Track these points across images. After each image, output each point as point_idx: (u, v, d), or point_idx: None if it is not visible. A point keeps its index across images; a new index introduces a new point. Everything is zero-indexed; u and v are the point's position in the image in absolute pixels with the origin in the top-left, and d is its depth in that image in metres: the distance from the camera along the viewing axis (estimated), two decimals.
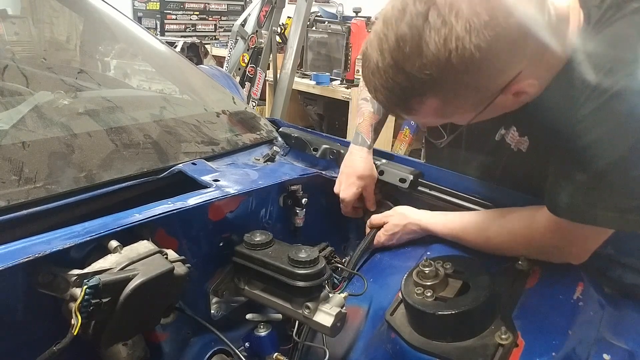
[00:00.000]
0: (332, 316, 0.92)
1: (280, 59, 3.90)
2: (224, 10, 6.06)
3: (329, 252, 1.14)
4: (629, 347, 0.84)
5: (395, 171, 1.22)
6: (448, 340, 0.82)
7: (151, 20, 5.58)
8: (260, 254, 0.99)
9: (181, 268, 0.82)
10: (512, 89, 0.76)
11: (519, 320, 0.83)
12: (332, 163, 1.33)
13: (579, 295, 0.87)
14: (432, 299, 0.85)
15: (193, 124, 1.31)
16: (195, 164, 1.16)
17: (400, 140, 4.18)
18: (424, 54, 0.69)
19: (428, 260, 0.89)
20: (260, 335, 1.02)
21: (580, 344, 0.81)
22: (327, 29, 4.18)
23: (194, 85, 1.65)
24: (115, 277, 0.72)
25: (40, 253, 0.73)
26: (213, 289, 1.05)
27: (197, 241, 1.00)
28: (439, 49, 0.68)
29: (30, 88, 1.19)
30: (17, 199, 0.90)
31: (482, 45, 0.67)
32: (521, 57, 0.73)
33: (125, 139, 1.14)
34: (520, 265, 0.93)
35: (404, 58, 0.72)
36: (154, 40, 1.71)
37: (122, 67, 1.75)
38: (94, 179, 1.01)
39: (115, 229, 0.82)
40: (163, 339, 0.97)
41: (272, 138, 1.44)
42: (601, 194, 0.79)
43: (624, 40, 0.78)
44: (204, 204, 0.97)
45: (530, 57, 0.74)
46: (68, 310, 0.71)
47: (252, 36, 3.73)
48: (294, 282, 0.92)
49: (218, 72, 2.59)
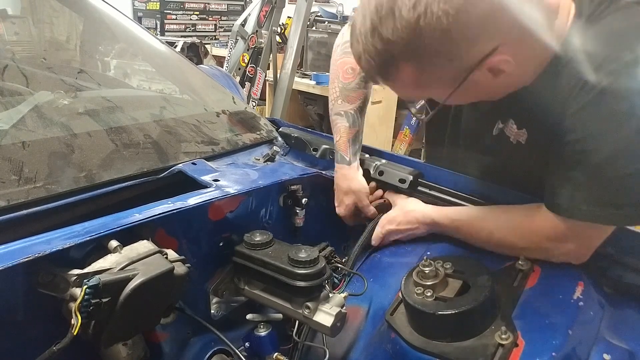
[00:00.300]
0: (332, 316, 0.92)
1: (280, 59, 3.90)
2: (224, 10, 6.07)
3: (329, 252, 1.14)
4: (629, 347, 0.84)
5: (395, 171, 1.22)
6: (448, 340, 0.82)
7: (151, 20, 5.59)
8: (260, 253, 0.99)
9: (181, 268, 0.82)
10: (487, 64, 0.78)
11: (519, 320, 0.83)
12: (332, 163, 1.33)
13: (579, 295, 0.87)
14: (432, 298, 0.85)
15: (193, 124, 1.31)
16: (195, 163, 1.16)
17: (400, 140, 4.18)
18: (396, 18, 0.72)
19: (428, 260, 0.89)
20: (260, 335, 1.01)
21: (580, 344, 0.81)
22: (327, 29, 4.19)
23: (194, 85, 1.65)
24: (115, 277, 0.72)
25: (40, 253, 0.73)
26: (213, 289, 1.05)
27: (197, 241, 1.00)
28: (409, 13, 0.71)
29: (30, 88, 1.19)
30: (17, 198, 0.90)
31: (450, 12, 0.70)
32: (494, 31, 0.75)
33: (125, 138, 1.14)
34: (520, 265, 0.93)
35: (380, 22, 0.75)
36: (154, 40, 1.71)
37: (122, 67, 1.75)
38: (94, 179, 1.01)
39: (115, 228, 0.82)
40: (163, 339, 0.97)
41: (272, 138, 1.44)
42: (596, 191, 0.81)
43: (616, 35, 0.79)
44: (204, 204, 0.97)
45: (506, 34, 0.76)
46: (68, 310, 0.71)
47: (252, 36, 3.74)
48: (294, 282, 0.92)
49: (218, 72, 2.59)
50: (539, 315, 0.84)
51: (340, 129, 1.25)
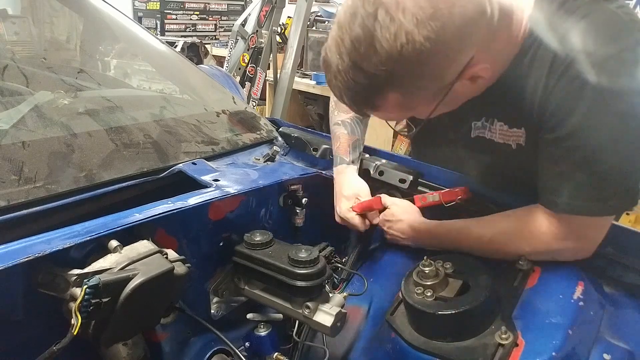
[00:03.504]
0: (332, 316, 0.92)
1: (280, 59, 3.90)
2: (224, 10, 6.07)
3: (329, 252, 1.14)
4: (629, 347, 0.84)
5: (395, 172, 1.22)
6: (448, 340, 0.82)
7: (151, 20, 5.59)
8: (260, 253, 0.99)
9: (181, 268, 0.82)
10: (467, 74, 0.80)
11: (519, 320, 0.83)
12: (332, 163, 1.33)
13: (579, 295, 0.87)
14: (432, 298, 0.85)
15: (193, 124, 1.31)
16: (195, 163, 1.16)
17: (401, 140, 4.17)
18: (378, 52, 0.73)
19: (428, 259, 0.89)
20: (260, 335, 1.02)
21: (580, 344, 0.81)
22: (327, 29, 4.18)
23: (194, 85, 1.65)
24: (115, 277, 0.72)
25: (40, 253, 0.73)
26: (213, 288, 1.05)
27: (197, 241, 1.00)
28: (391, 44, 0.72)
29: (30, 88, 1.19)
30: (17, 198, 0.90)
31: (431, 36, 0.71)
32: (470, 43, 0.77)
33: (125, 138, 1.14)
34: (520, 265, 0.93)
35: (361, 58, 0.75)
36: (154, 40, 1.71)
37: (122, 67, 1.75)
38: (94, 179, 1.01)
39: (115, 228, 0.82)
40: (163, 338, 0.97)
41: (272, 138, 1.44)
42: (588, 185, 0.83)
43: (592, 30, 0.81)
44: (204, 204, 0.97)
45: (480, 43, 0.78)
46: (68, 310, 0.71)
47: (252, 36, 3.73)
48: (294, 282, 0.92)
49: (218, 72, 2.59)
50: (539, 315, 0.84)
51: (339, 137, 1.24)
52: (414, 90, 0.80)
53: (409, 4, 0.70)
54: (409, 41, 0.71)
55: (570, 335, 0.80)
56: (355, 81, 0.78)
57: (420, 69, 0.75)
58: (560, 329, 0.81)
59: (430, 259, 0.89)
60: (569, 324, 0.81)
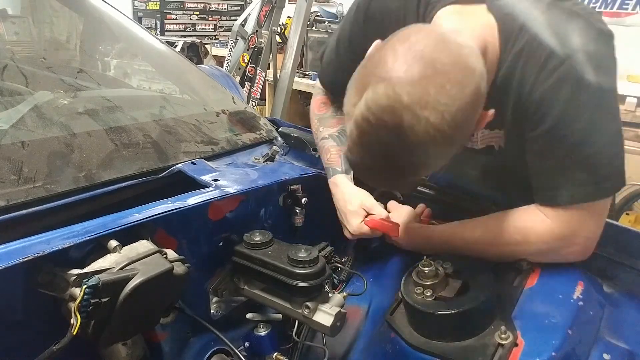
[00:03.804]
0: (331, 316, 0.92)
1: (280, 59, 3.90)
2: (224, 10, 6.07)
3: (329, 252, 1.14)
4: (629, 347, 0.84)
5: None
6: (448, 340, 0.82)
7: (151, 20, 5.59)
8: (259, 253, 0.99)
9: (180, 268, 0.82)
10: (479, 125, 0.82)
11: (519, 320, 0.83)
12: None
13: (579, 295, 0.87)
14: (432, 298, 0.85)
15: (193, 124, 1.31)
16: (195, 163, 1.16)
17: None
18: (413, 153, 0.74)
19: (428, 259, 0.89)
20: (260, 334, 1.02)
21: (580, 344, 0.81)
22: (327, 29, 4.18)
23: (193, 85, 1.65)
24: (115, 277, 0.72)
25: (40, 253, 0.73)
26: (213, 288, 1.05)
27: (197, 241, 1.00)
28: (423, 141, 0.72)
29: (29, 88, 1.19)
30: (17, 198, 0.90)
31: (457, 120, 0.72)
32: (481, 102, 0.77)
33: (124, 138, 1.14)
34: (520, 265, 0.93)
35: (397, 160, 0.76)
36: (154, 40, 1.72)
37: (122, 67, 1.75)
38: (93, 179, 1.01)
39: (114, 228, 0.82)
40: (163, 338, 0.97)
41: (271, 138, 1.44)
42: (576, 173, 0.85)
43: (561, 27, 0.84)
44: (203, 204, 0.97)
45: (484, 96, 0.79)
46: (67, 310, 0.71)
47: (252, 36, 3.73)
48: (294, 282, 0.92)
49: (218, 72, 2.59)
50: (538, 315, 0.84)
51: (329, 149, 1.19)
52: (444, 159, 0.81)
53: (429, 99, 0.70)
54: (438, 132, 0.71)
55: (570, 335, 0.80)
56: (392, 179, 0.86)
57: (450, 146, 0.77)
58: (559, 329, 0.80)
59: (429, 258, 0.89)
60: (569, 324, 0.81)
